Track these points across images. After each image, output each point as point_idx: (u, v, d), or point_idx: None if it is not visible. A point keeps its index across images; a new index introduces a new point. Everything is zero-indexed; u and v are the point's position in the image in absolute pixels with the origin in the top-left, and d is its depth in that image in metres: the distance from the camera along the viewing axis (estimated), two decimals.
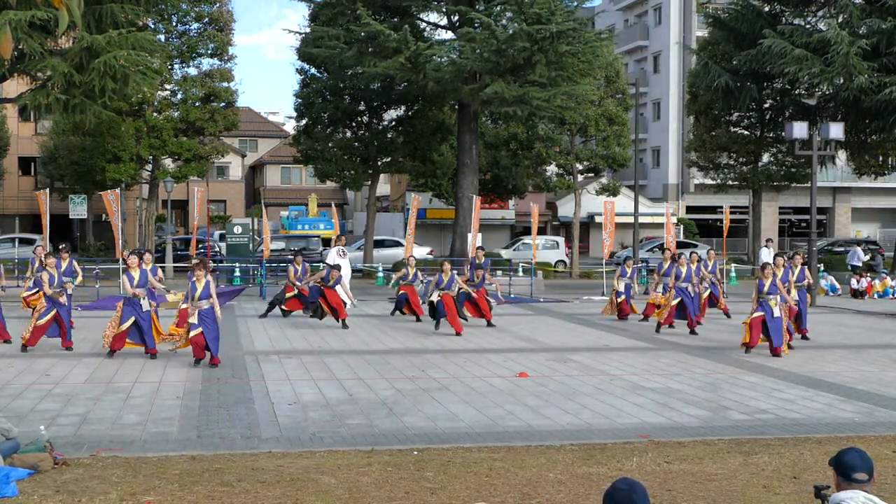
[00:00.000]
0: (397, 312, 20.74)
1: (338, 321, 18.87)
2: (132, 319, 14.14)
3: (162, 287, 16.16)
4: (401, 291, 20.48)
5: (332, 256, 22.73)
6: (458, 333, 17.61)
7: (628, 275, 21.50)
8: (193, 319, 13.52)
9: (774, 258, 17.86)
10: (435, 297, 18.00)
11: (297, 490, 7.38)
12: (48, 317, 14.99)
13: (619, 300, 21.34)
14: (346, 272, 23.08)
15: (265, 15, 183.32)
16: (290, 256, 23.11)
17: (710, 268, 21.49)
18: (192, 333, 13.53)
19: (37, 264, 19.14)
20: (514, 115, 32.75)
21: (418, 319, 20.16)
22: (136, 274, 14.29)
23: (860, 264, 32.95)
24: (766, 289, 15.39)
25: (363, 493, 7.35)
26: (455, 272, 18.68)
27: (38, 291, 18.58)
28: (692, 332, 18.50)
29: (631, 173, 43.80)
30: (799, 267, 17.77)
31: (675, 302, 18.69)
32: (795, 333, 17.13)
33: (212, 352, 13.58)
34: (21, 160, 55.08)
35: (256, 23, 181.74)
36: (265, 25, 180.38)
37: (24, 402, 10.82)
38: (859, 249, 34.44)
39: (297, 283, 19.71)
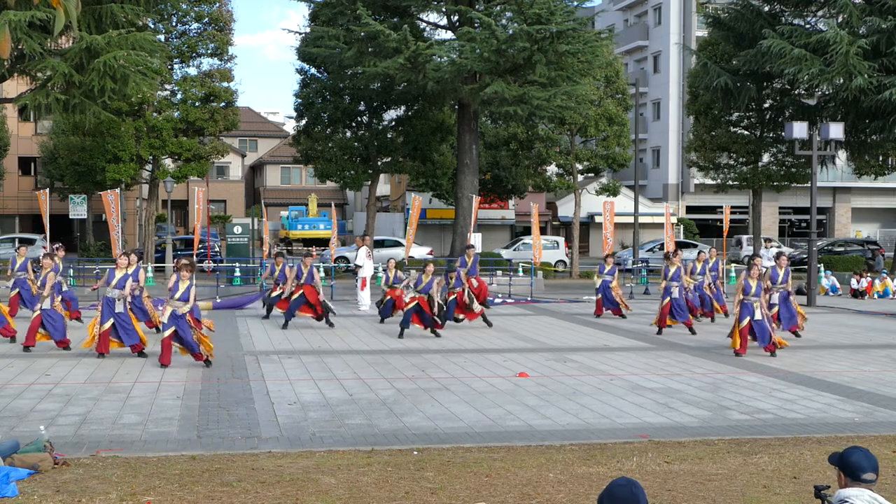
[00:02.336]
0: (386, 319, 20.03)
1: (319, 320, 18.73)
2: (111, 320, 14.15)
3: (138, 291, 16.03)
4: (387, 297, 19.95)
5: (361, 256, 23.09)
6: (435, 331, 17.53)
7: (607, 271, 21.51)
8: (164, 319, 13.39)
9: (778, 256, 17.92)
10: (408, 298, 17.51)
11: (297, 490, 7.38)
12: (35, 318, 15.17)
13: (597, 297, 21.60)
14: (368, 272, 23.36)
15: (267, 16, 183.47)
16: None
17: (711, 266, 21.40)
18: (164, 333, 13.38)
19: (17, 263, 18.93)
20: (514, 115, 32.72)
21: (382, 321, 19.88)
22: (118, 274, 14.36)
23: None
24: (752, 291, 15.35)
25: (363, 493, 7.35)
26: (435, 278, 17.90)
27: (17, 291, 18.56)
28: (691, 331, 18.50)
29: (631, 173, 43.82)
30: (784, 268, 17.74)
31: (665, 302, 18.63)
32: (782, 330, 17.20)
33: (192, 348, 13.44)
34: (21, 160, 55.10)
35: (258, 23, 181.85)
36: (267, 26, 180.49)
37: (24, 402, 10.82)
38: None
39: (279, 282, 19.65)
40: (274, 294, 19.90)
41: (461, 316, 19.18)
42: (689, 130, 46.15)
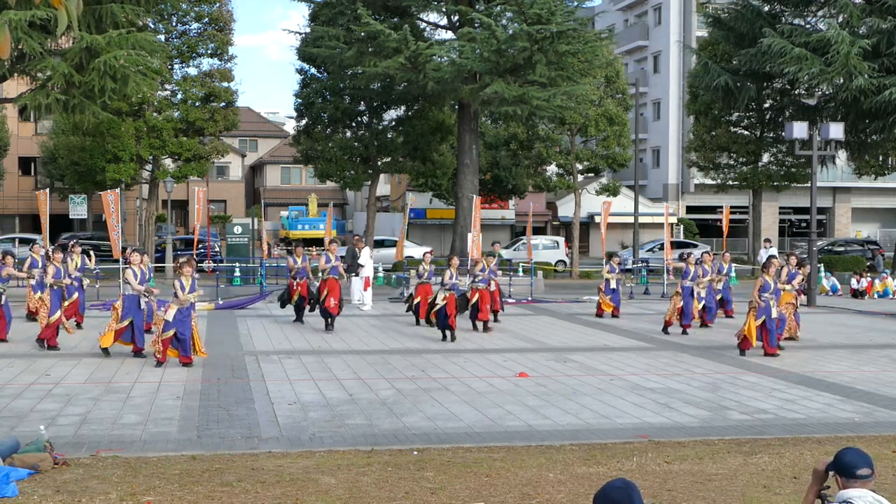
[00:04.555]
0: (422, 322, 19.26)
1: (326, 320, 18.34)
2: (130, 318, 14.20)
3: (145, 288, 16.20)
4: (417, 298, 19.41)
5: (365, 256, 23.17)
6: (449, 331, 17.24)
7: (616, 271, 21.60)
8: (169, 317, 13.38)
9: (769, 258, 17.82)
10: (440, 300, 17.19)
11: (297, 490, 7.38)
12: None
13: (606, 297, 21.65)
14: (369, 272, 23.46)
15: (268, 16, 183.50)
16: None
17: (722, 270, 21.35)
18: (164, 333, 13.37)
19: (36, 262, 18.89)
20: (514, 115, 32.71)
21: (417, 322, 19.47)
22: (139, 271, 14.43)
23: None
24: (772, 288, 15.40)
25: (363, 493, 7.35)
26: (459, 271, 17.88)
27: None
28: (684, 332, 18.47)
29: (631, 173, 43.81)
30: (787, 268, 17.61)
31: (681, 304, 18.60)
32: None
33: (183, 350, 13.49)
34: (21, 160, 55.11)
35: (260, 23, 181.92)
36: (268, 26, 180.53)
37: (24, 402, 10.82)
38: None
39: (296, 279, 19.29)
40: (295, 298, 19.34)
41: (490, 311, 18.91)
42: (689, 130, 46.17)
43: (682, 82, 52.97)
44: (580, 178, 40.83)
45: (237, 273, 31.14)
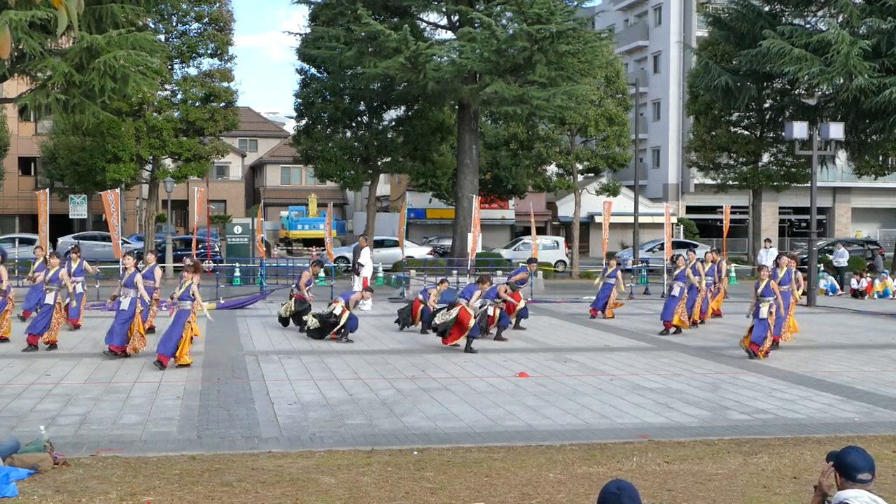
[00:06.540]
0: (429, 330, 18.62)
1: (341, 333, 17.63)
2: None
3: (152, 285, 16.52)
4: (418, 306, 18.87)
5: (365, 256, 23.16)
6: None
7: (609, 273, 21.59)
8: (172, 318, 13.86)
9: (779, 257, 17.81)
10: (455, 312, 16.12)
11: (297, 490, 7.38)
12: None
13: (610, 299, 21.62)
14: (368, 272, 23.50)
15: (270, 16, 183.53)
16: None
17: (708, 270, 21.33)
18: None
19: (38, 263, 18.90)
20: (514, 114, 32.71)
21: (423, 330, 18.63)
22: (126, 274, 14.75)
23: (846, 264, 32.12)
24: (759, 290, 15.39)
25: (363, 493, 7.35)
26: (496, 286, 17.30)
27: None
28: (664, 332, 18.41)
29: (631, 173, 43.83)
30: (784, 269, 17.49)
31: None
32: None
33: (169, 350, 13.44)
34: (21, 160, 55.16)
35: (261, 24, 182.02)
36: (270, 26, 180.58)
37: (24, 402, 10.82)
38: (844, 249, 33.19)
39: (306, 294, 18.76)
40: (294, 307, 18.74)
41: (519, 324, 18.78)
42: (689, 130, 46.17)
43: (682, 82, 53.00)
44: (580, 178, 40.83)
45: (237, 273, 31.14)
